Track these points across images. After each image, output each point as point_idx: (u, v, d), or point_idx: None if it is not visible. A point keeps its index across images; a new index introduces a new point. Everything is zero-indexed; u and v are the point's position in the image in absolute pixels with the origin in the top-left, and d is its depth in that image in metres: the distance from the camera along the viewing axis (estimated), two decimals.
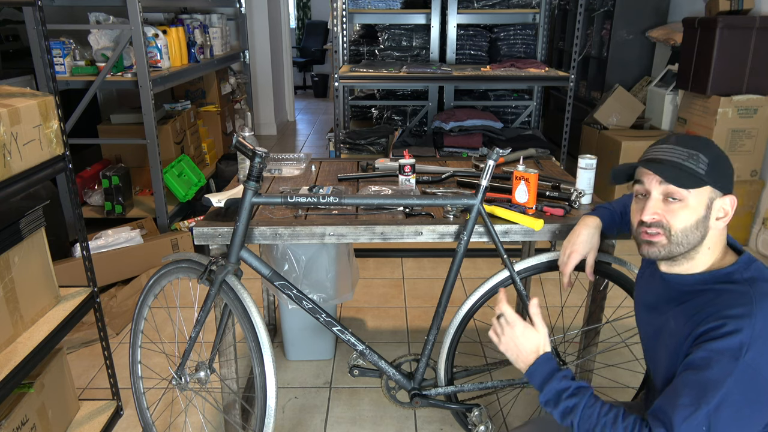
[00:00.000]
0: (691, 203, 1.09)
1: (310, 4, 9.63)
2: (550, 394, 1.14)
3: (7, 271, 1.58)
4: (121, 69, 3.10)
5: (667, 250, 1.12)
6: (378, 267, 3.26)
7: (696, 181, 1.08)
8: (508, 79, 3.57)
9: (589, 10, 4.68)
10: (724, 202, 1.11)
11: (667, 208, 1.11)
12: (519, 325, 1.23)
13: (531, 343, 1.21)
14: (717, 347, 1.00)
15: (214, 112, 4.54)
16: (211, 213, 1.68)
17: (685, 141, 1.13)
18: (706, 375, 1.00)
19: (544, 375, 1.17)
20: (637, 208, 1.17)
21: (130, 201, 3.40)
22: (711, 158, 1.10)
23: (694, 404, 0.99)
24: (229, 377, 1.73)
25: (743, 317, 1.00)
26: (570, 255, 1.47)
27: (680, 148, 1.12)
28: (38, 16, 1.65)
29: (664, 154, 1.13)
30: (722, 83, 3.29)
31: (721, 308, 1.04)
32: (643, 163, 1.15)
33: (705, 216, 1.10)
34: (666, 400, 1.04)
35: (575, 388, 1.12)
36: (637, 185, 1.17)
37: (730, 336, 0.99)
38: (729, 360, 0.98)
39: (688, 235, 1.10)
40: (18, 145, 1.48)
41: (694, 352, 1.03)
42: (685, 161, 1.10)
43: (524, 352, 1.21)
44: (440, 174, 1.99)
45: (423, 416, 2.09)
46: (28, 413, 1.66)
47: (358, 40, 4.48)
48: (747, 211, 3.46)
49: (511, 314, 1.25)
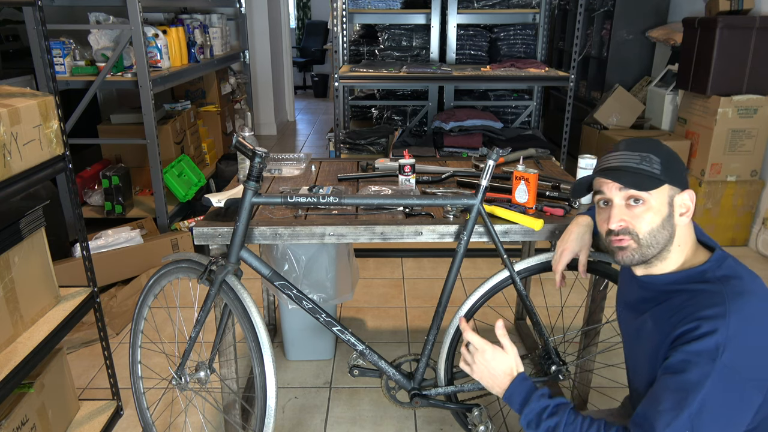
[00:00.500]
0: (653, 204, 1.11)
1: (310, 4, 9.63)
2: (531, 416, 1.15)
3: (7, 271, 1.58)
4: (121, 69, 3.10)
5: (640, 254, 1.14)
6: (378, 267, 3.26)
7: (654, 182, 1.10)
8: (508, 79, 3.57)
9: (589, 10, 4.68)
10: (683, 197, 1.13)
11: (631, 213, 1.13)
12: (488, 350, 1.25)
13: (503, 366, 1.23)
14: (693, 349, 1.01)
15: (214, 112, 4.54)
16: (211, 213, 1.68)
17: (634, 145, 1.16)
18: (685, 378, 1.00)
19: (522, 396, 1.18)
20: (603, 218, 1.18)
21: (130, 201, 3.40)
22: (662, 158, 1.12)
23: (676, 409, 0.99)
24: (229, 377, 1.73)
25: (717, 318, 1.00)
26: (561, 253, 1.49)
27: (631, 153, 1.14)
28: (38, 16, 1.65)
29: (617, 161, 1.15)
30: (722, 83, 3.29)
31: (696, 309, 1.04)
32: (599, 173, 1.17)
33: (669, 214, 1.12)
34: (647, 406, 1.05)
35: (554, 406, 1.14)
36: (597, 196, 1.19)
37: (706, 337, 1.00)
38: (706, 362, 0.99)
39: (656, 235, 1.12)
40: (18, 145, 1.48)
41: (672, 356, 1.04)
42: (639, 165, 1.12)
43: (498, 377, 1.23)
44: (440, 174, 1.99)
45: (423, 416, 2.09)
46: (28, 413, 1.66)
47: (358, 40, 4.48)
48: (747, 211, 3.46)
49: (478, 341, 1.27)
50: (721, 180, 3.39)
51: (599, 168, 1.18)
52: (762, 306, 1.03)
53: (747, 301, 1.02)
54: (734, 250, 3.47)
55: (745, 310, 1.01)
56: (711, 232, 3.49)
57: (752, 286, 1.06)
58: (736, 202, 3.44)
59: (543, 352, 1.67)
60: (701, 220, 3.47)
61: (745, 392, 1.00)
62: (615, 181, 1.13)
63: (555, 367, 1.64)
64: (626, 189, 1.12)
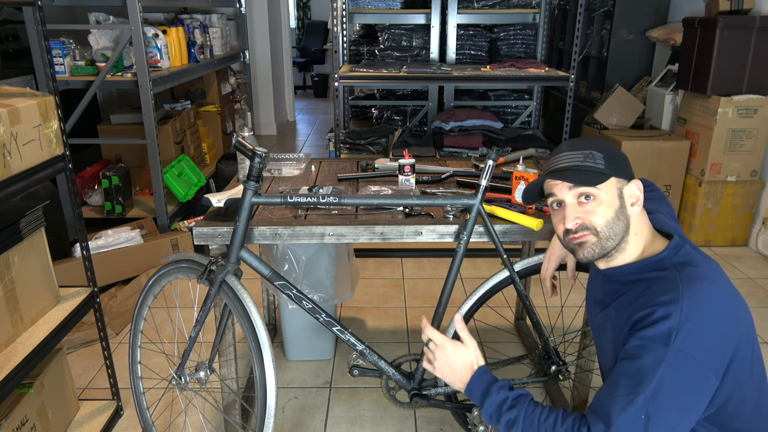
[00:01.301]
0: (604, 198, 1.14)
1: (310, 4, 9.63)
2: (491, 408, 1.17)
3: (7, 271, 1.58)
4: (121, 69, 3.10)
5: (600, 247, 1.16)
6: (378, 267, 3.26)
7: (600, 177, 1.13)
8: (508, 79, 3.57)
9: (589, 10, 4.68)
10: (631, 188, 1.16)
11: (584, 210, 1.15)
12: (448, 346, 1.26)
13: (463, 360, 1.24)
14: (648, 335, 1.02)
15: (214, 112, 4.54)
16: (211, 213, 1.68)
17: (575, 144, 1.19)
18: (639, 363, 1.02)
19: (482, 389, 1.20)
20: (558, 219, 1.20)
21: (130, 201, 3.40)
22: (604, 152, 1.15)
23: (631, 394, 1.01)
24: (229, 377, 1.73)
25: (671, 303, 1.02)
26: (548, 260, 1.51)
27: (574, 152, 1.17)
28: (38, 16, 1.65)
29: (563, 162, 1.18)
30: (722, 83, 3.29)
31: (652, 296, 1.07)
32: (548, 175, 1.19)
33: (621, 205, 1.14)
34: (604, 393, 1.06)
35: (513, 399, 1.15)
36: (550, 198, 1.21)
37: (660, 322, 1.01)
38: (660, 346, 1.00)
39: (612, 227, 1.14)
40: (18, 145, 1.48)
41: (629, 342, 1.06)
42: (583, 162, 1.15)
43: (459, 371, 1.24)
44: (440, 174, 1.99)
45: (423, 416, 2.09)
46: (28, 413, 1.66)
47: (358, 40, 4.48)
48: (747, 211, 3.46)
49: (438, 337, 1.28)
50: (721, 180, 3.39)
51: (546, 171, 1.21)
52: (715, 291, 1.05)
53: (700, 287, 1.04)
54: (734, 250, 3.47)
55: (698, 294, 1.03)
56: (711, 232, 3.50)
57: (707, 271, 1.08)
58: (736, 202, 3.44)
59: (543, 352, 1.67)
60: (701, 220, 3.47)
61: (699, 376, 1.01)
62: (564, 181, 1.15)
63: (555, 367, 1.64)
64: (576, 187, 1.14)
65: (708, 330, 1.01)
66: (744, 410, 1.10)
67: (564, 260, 1.52)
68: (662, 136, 3.60)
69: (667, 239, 1.18)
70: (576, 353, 1.93)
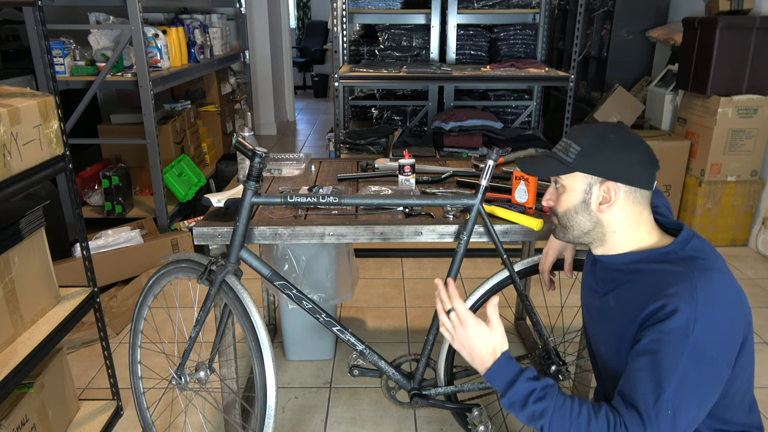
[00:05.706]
0: (567, 189, 1.16)
1: (310, 4, 9.63)
2: (517, 397, 1.09)
3: (7, 271, 1.58)
4: (121, 69, 3.10)
5: (562, 233, 1.21)
6: (378, 267, 3.26)
7: (560, 169, 1.15)
8: (508, 79, 3.57)
9: (589, 10, 4.68)
10: (601, 189, 1.13)
11: (556, 194, 1.20)
12: (471, 324, 1.16)
13: (485, 344, 1.14)
14: (665, 328, 1.01)
15: (214, 112, 4.54)
16: (211, 213, 1.68)
17: (574, 133, 1.18)
18: (661, 357, 1.00)
19: (507, 379, 1.11)
20: None
21: (130, 201, 3.40)
22: (586, 146, 1.13)
23: (657, 390, 0.99)
24: (229, 377, 1.73)
25: (685, 294, 1.01)
26: (546, 253, 1.50)
27: (565, 140, 1.18)
28: (38, 16, 1.65)
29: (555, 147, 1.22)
30: (722, 83, 3.29)
31: (662, 288, 1.05)
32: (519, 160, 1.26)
33: (584, 201, 1.15)
34: (628, 389, 1.04)
35: (542, 389, 1.08)
36: None
37: (676, 315, 1.00)
38: (679, 339, 0.99)
39: (570, 218, 1.17)
40: (18, 145, 1.48)
41: (645, 336, 1.04)
42: (559, 151, 1.17)
43: (479, 354, 1.15)
44: (440, 174, 1.99)
45: (423, 416, 2.09)
46: (28, 413, 1.66)
47: (358, 40, 4.48)
48: (747, 211, 3.46)
49: (462, 310, 1.18)
50: (721, 180, 3.39)
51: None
52: (725, 282, 1.05)
53: (712, 278, 1.03)
54: (734, 250, 3.47)
55: (712, 285, 1.02)
56: (711, 232, 3.49)
57: (715, 263, 1.07)
58: (736, 202, 3.44)
59: (543, 352, 1.67)
60: (701, 220, 3.47)
61: (717, 367, 1.01)
62: (521, 167, 1.22)
63: (555, 367, 1.64)
64: None
65: (722, 321, 1.01)
66: (735, 401, 1.11)
67: (562, 254, 1.51)
68: (662, 136, 3.60)
69: (671, 235, 1.17)
70: (576, 353, 1.93)
